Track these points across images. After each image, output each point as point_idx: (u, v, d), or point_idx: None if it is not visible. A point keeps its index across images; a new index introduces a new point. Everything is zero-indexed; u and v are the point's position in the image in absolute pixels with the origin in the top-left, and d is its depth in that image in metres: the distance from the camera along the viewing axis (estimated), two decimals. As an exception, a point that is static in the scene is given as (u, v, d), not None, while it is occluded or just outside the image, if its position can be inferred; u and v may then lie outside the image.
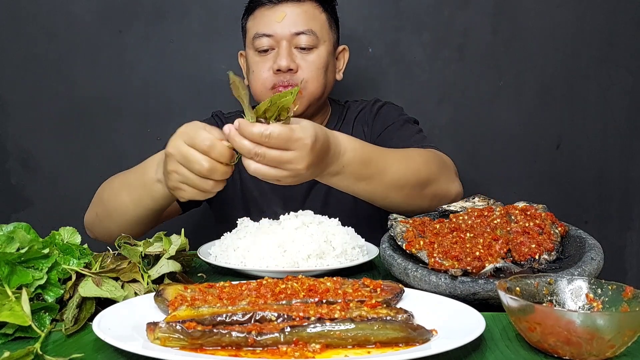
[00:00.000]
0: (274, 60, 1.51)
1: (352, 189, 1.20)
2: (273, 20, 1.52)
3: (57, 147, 2.04)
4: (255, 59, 1.54)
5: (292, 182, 1.05)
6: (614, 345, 0.70)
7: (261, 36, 1.52)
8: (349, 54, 1.67)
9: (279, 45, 1.51)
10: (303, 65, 1.52)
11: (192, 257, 1.16)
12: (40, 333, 0.77)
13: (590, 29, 2.04)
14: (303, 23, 1.52)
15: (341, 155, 1.13)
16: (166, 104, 2.03)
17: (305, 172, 1.03)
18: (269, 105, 0.99)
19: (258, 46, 1.53)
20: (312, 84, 1.53)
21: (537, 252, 0.99)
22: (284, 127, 0.99)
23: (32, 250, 0.85)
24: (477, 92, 2.05)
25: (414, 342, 0.72)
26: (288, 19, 1.52)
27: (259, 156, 0.99)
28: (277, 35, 1.51)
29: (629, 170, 2.10)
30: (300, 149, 1.01)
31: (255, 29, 1.54)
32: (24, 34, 1.99)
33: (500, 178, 2.08)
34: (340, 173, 1.15)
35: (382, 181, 1.21)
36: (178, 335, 0.71)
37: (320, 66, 1.54)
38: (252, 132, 0.98)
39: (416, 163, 1.28)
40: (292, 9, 1.52)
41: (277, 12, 1.52)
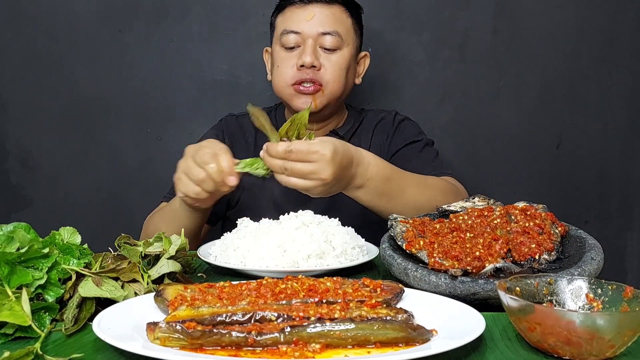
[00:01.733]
0: (298, 57, 1.56)
1: (375, 203, 1.30)
2: (302, 18, 1.57)
3: (57, 147, 2.04)
4: (281, 54, 1.59)
5: (322, 193, 1.19)
6: (614, 345, 0.70)
7: (289, 33, 1.57)
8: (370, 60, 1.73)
9: (305, 43, 1.56)
10: (326, 64, 1.57)
11: (192, 257, 1.16)
12: (40, 333, 0.77)
13: (590, 29, 2.04)
14: (330, 24, 1.57)
15: (365, 169, 1.25)
16: (166, 104, 2.03)
17: (331, 182, 1.16)
18: (289, 125, 1.15)
19: (285, 42, 1.58)
20: (333, 84, 1.58)
21: (537, 252, 0.99)
22: (303, 142, 1.15)
23: (32, 250, 0.85)
24: (478, 92, 2.05)
25: (414, 342, 0.72)
26: (316, 19, 1.57)
27: (287, 170, 1.15)
28: (304, 33, 1.56)
29: (629, 170, 2.10)
30: (320, 160, 1.14)
31: (283, 25, 1.59)
32: (24, 33, 1.99)
33: (500, 178, 2.08)
34: (365, 186, 1.26)
35: (401, 201, 1.31)
36: (178, 335, 0.71)
37: (342, 67, 1.59)
38: (277, 151, 1.14)
39: (433, 191, 1.36)
40: (321, 9, 1.58)
41: (307, 11, 1.58)
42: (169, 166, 1.60)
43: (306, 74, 1.56)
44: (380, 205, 1.31)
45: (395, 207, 1.27)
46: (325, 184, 1.17)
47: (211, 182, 1.20)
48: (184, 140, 1.89)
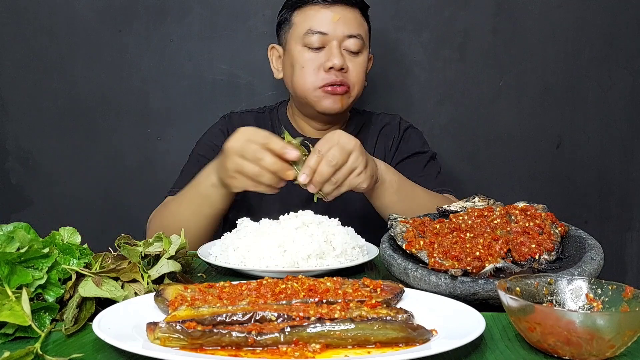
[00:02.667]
0: (326, 59, 1.54)
1: (390, 200, 1.37)
2: (327, 19, 1.55)
3: (57, 147, 2.04)
4: (306, 55, 1.56)
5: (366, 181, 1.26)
6: (614, 345, 0.70)
7: (315, 33, 1.54)
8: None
9: (330, 44, 1.55)
10: (351, 67, 1.57)
11: (192, 257, 1.16)
12: (40, 333, 0.77)
13: (590, 29, 2.04)
14: (355, 27, 1.57)
15: (377, 166, 1.33)
16: (166, 104, 2.03)
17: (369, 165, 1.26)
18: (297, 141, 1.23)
19: (309, 42, 1.55)
20: (358, 86, 1.59)
21: (537, 252, 0.99)
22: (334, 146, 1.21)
23: (32, 250, 0.85)
24: (478, 92, 2.05)
25: (414, 342, 0.72)
26: (342, 21, 1.56)
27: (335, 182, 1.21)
28: (331, 34, 1.54)
29: (629, 170, 2.10)
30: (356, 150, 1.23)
31: (307, 25, 1.56)
32: (24, 33, 1.99)
33: (500, 178, 2.08)
34: (383, 182, 1.34)
35: (410, 206, 1.37)
36: (178, 335, 0.71)
37: (363, 70, 1.60)
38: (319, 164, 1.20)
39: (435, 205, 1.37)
40: (345, 11, 1.57)
41: (332, 12, 1.55)
42: (169, 166, 1.61)
43: (335, 77, 1.54)
44: (395, 204, 1.35)
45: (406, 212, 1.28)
46: (367, 172, 1.25)
47: (268, 175, 1.21)
48: (184, 140, 1.90)
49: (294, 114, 1.71)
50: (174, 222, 1.40)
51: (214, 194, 1.35)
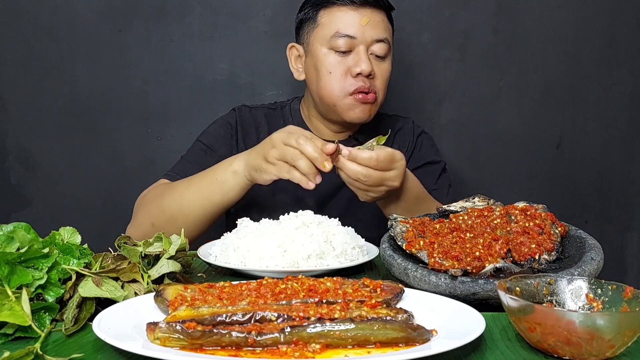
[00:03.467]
0: (354, 64, 1.48)
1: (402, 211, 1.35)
2: (356, 22, 1.49)
3: (57, 146, 2.04)
4: (333, 58, 1.50)
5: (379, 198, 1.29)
6: (614, 346, 0.70)
7: (343, 36, 1.48)
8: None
9: (357, 48, 1.49)
10: (377, 72, 1.52)
11: (192, 257, 1.16)
12: (40, 333, 0.77)
13: (591, 29, 2.04)
14: (382, 31, 1.52)
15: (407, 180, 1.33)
16: (166, 104, 2.03)
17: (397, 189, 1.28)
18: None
19: (336, 46, 1.49)
20: (383, 92, 1.55)
21: (537, 252, 0.99)
22: (387, 150, 1.23)
23: (32, 250, 0.85)
24: (478, 92, 2.05)
25: (414, 342, 0.72)
26: (370, 24, 1.50)
27: (365, 177, 1.21)
28: (359, 38, 1.49)
29: (629, 171, 2.10)
30: (399, 168, 1.24)
31: (334, 27, 1.50)
32: (25, 33, 1.99)
33: (500, 178, 2.08)
34: (403, 194, 1.34)
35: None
36: (178, 335, 0.71)
37: (389, 76, 1.56)
38: (362, 157, 1.21)
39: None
40: (373, 14, 1.51)
41: (361, 14, 1.49)
42: (169, 166, 1.61)
43: (363, 83, 1.49)
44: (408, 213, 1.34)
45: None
46: (391, 191, 1.27)
47: (305, 161, 1.21)
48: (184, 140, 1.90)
49: (310, 115, 1.65)
50: (177, 204, 1.38)
51: (231, 181, 1.33)
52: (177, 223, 1.35)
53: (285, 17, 2.00)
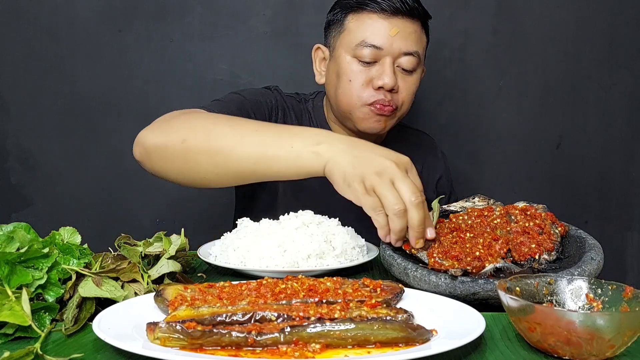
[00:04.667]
0: (377, 76, 1.41)
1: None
2: (385, 32, 1.40)
3: (57, 146, 2.04)
4: (354, 67, 1.42)
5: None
6: (614, 345, 0.70)
7: (369, 46, 1.40)
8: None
9: (383, 60, 1.41)
10: (402, 86, 1.44)
11: (192, 257, 1.16)
12: (40, 333, 0.77)
13: (591, 29, 2.04)
14: (413, 43, 1.42)
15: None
16: (166, 104, 2.02)
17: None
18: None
19: (361, 55, 1.41)
20: (405, 106, 1.48)
21: (537, 252, 0.99)
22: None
23: (32, 250, 0.85)
24: (478, 92, 2.05)
25: (414, 342, 0.72)
26: (400, 36, 1.40)
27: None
28: (386, 50, 1.40)
29: (629, 170, 2.10)
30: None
31: (361, 34, 1.41)
32: (25, 33, 1.99)
33: (500, 178, 2.08)
34: None
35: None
36: (178, 335, 0.71)
37: (415, 90, 1.48)
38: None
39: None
40: (406, 24, 1.41)
41: (391, 24, 1.40)
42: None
43: (384, 96, 1.41)
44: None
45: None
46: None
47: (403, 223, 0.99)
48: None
49: (329, 118, 1.59)
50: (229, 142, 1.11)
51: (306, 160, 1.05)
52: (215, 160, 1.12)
53: (286, 17, 2.00)
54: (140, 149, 1.24)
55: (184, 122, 1.19)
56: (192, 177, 1.18)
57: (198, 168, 1.15)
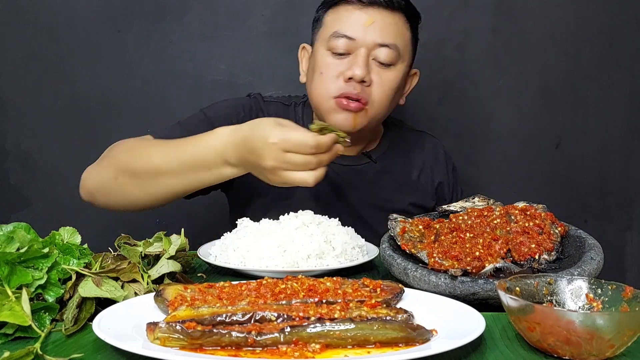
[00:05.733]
0: (347, 67, 1.35)
1: None
2: (359, 22, 1.35)
3: (57, 146, 2.03)
4: (327, 59, 1.38)
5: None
6: (613, 345, 0.70)
7: (341, 37, 1.35)
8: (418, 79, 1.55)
9: (357, 51, 1.35)
10: (376, 81, 1.37)
11: (192, 257, 1.16)
12: (40, 333, 0.77)
13: (590, 29, 2.04)
14: (390, 35, 1.36)
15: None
16: (166, 104, 2.03)
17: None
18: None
19: (333, 46, 1.36)
20: (379, 104, 1.38)
21: (537, 252, 0.99)
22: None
23: (32, 250, 0.85)
24: (477, 91, 2.05)
25: (414, 342, 0.72)
26: (375, 26, 1.35)
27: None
28: (359, 40, 1.35)
29: (629, 170, 2.10)
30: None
31: (335, 26, 1.38)
32: (25, 33, 1.99)
33: (500, 178, 2.08)
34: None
35: None
36: (178, 335, 0.71)
37: (392, 86, 1.39)
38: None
39: None
40: (383, 15, 1.36)
41: (366, 14, 1.35)
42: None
43: (353, 88, 1.34)
44: None
45: None
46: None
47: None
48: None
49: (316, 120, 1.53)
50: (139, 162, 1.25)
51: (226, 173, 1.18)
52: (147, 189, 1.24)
53: (285, 17, 2.00)
54: (85, 192, 1.40)
55: (114, 158, 1.31)
56: (135, 204, 1.29)
57: (134, 198, 1.27)
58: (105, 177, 1.30)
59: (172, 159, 1.22)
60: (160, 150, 1.25)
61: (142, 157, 1.27)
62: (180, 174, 1.21)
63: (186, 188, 1.25)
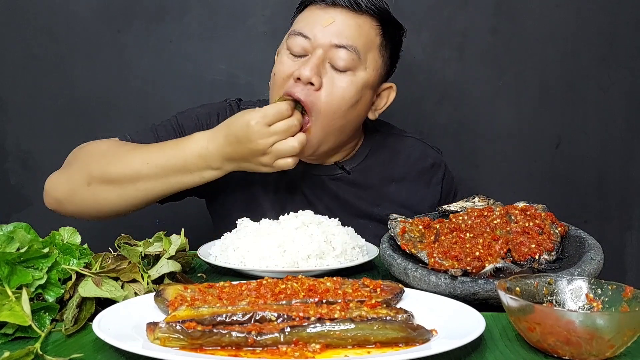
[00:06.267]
0: (297, 67, 1.27)
1: None
2: (318, 22, 1.28)
3: (57, 147, 2.03)
4: (283, 58, 1.31)
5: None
6: (613, 345, 0.70)
7: (297, 35, 1.29)
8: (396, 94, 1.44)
9: (313, 53, 1.27)
10: (327, 85, 1.26)
11: (192, 257, 1.16)
12: (40, 333, 0.77)
13: (590, 29, 2.04)
14: (349, 36, 1.27)
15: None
16: (166, 104, 2.02)
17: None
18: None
19: (290, 45, 1.30)
20: (327, 113, 1.27)
21: (537, 252, 0.99)
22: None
23: (32, 250, 0.85)
24: (477, 92, 2.05)
25: (414, 342, 0.72)
26: (334, 26, 1.27)
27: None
28: (315, 40, 1.27)
29: (629, 170, 2.10)
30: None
31: (296, 25, 1.33)
32: (24, 33, 1.99)
33: (500, 178, 2.08)
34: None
35: None
36: (178, 335, 0.71)
37: (346, 95, 1.27)
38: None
39: None
40: (345, 16, 1.28)
41: (327, 14, 1.28)
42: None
43: (298, 90, 1.25)
44: None
45: None
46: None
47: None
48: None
49: None
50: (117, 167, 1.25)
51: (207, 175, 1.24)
52: (124, 192, 1.25)
53: (285, 18, 1.98)
54: (51, 200, 1.36)
55: (85, 163, 1.28)
56: (108, 211, 1.30)
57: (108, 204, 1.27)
58: (76, 184, 1.28)
59: (153, 163, 1.23)
60: (140, 154, 1.25)
61: (119, 162, 1.26)
62: (161, 177, 1.23)
63: (165, 192, 1.27)
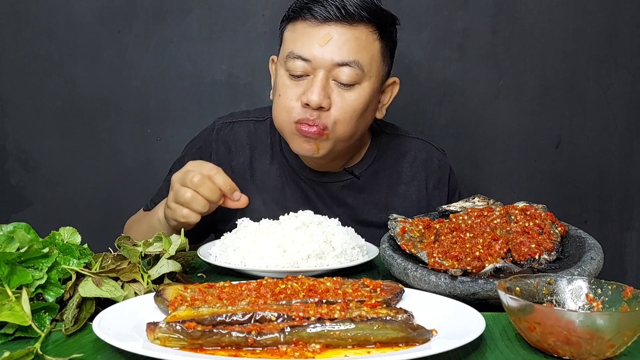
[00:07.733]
0: (305, 89, 1.26)
1: None
2: (315, 41, 1.25)
3: (57, 147, 2.04)
4: (285, 81, 1.30)
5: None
6: (613, 345, 0.70)
7: (296, 58, 1.27)
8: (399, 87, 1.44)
9: (315, 73, 1.26)
10: (338, 102, 1.27)
11: (192, 257, 1.16)
12: (40, 333, 0.77)
13: (590, 29, 2.04)
14: (350, 52, 1.26)
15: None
16: (166, 104, 2.03)
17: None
18: None
19: (290, 68, 1.28)
20: (342, 126, 1.29)
21: (537, 252, 0.99)
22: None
23: (32, 250, 0.85)
24: (477, 92, 2.05)
25: (414, 342, 0.72)
26: (333, 44, 1.25)
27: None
28: (315, 61, 1.26)
29: (629, 170, 2.10)
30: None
31: (292, 45, 1.29)
32: (24, 33, 1.99)
33: (499, 178, 2.08)
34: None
35: None
36: (178, 335, 0.71)
37: (357, 107, 1.29)
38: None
39: None
40: (340, 31, 1.26)
41: (322, 32, 1.25)
42: (168, 167, 1.60)
43: (310, 115, 1.26)
44: None
45: None
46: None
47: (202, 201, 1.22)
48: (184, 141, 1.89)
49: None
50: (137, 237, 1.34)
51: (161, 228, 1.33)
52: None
53: (285, 17, 2.00)
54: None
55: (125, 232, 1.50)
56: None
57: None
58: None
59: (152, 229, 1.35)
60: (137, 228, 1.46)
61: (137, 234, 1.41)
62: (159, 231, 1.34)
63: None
